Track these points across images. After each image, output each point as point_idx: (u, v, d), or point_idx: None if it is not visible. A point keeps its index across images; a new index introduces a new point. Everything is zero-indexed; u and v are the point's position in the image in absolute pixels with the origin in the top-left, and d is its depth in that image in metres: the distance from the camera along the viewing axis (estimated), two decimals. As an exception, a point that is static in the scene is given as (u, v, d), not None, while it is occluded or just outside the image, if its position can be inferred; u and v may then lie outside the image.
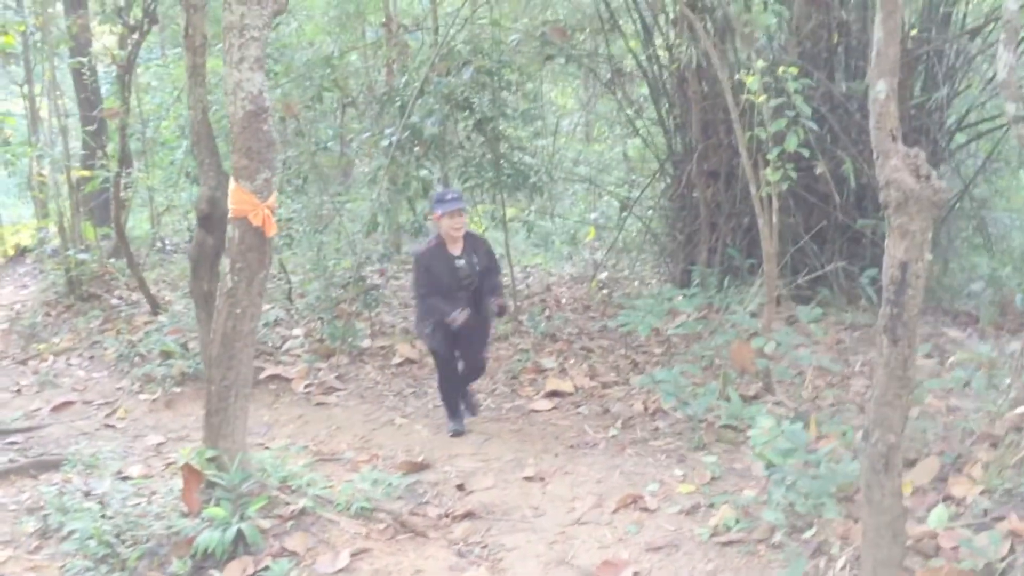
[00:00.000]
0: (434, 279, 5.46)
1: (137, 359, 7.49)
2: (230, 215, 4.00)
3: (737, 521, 4.01)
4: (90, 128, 10.87)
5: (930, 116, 8.13)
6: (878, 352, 3.08)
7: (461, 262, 5.49)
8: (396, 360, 7.18)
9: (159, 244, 13.07)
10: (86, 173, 9.77)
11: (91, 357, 8.00)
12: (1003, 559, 3.32)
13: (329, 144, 9.27)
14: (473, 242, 5.66)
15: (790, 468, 3.60)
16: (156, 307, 8.97)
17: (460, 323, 5.35)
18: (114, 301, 9.58)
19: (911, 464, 4.40)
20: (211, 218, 6.57)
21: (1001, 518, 3.58)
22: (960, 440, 4.81)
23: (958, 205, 9.58)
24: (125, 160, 9.78)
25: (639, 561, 3.86)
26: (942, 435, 5.00)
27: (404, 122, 7.43)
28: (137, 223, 13.48)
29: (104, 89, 11.92)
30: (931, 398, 5.70)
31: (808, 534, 3.77)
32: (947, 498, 3.93)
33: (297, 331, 8.06)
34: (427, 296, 5.48)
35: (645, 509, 4.36)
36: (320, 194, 8.94)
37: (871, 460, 3.08)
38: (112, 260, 10.46)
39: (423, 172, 8.44)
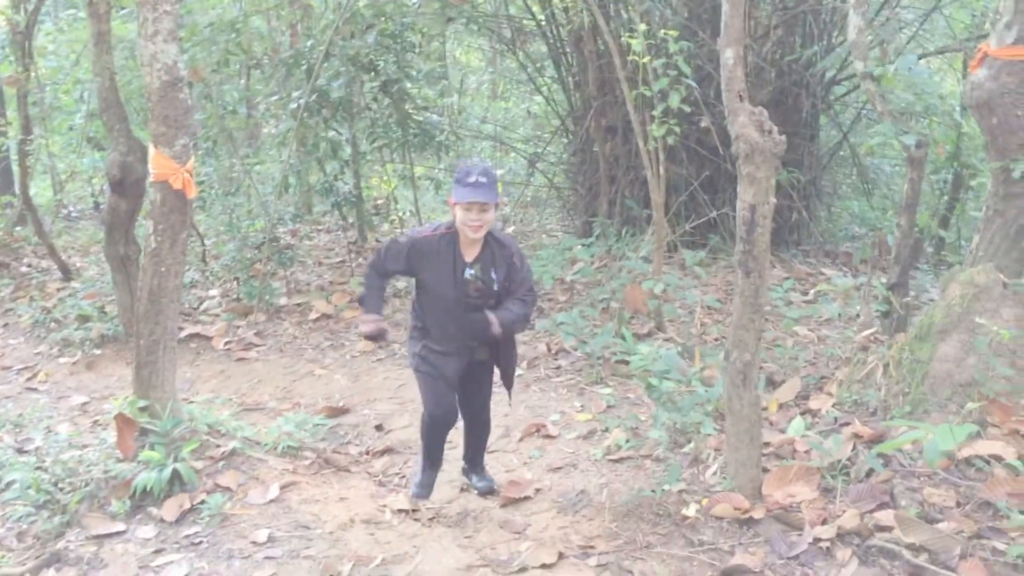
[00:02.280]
0: (423, 279, 3.88)
1: (53, 324, 7.61)
2: (151, 179, 4.25)
3: (627, 441, 4.51)
4: (-15, 95, 10.71)
5: (809, 70, 8.70)
6: (735, 283, 3.57)
7: (471, 272, 3.81)
8: (313, 316, 7.48)
9: (64, 211, 12.96)
10: (-15, 141, 9.68)
11: (4, 324, 8.07)
12: (848, 458, 3.89)
13: (236, 107, 9.41)
14: (496, 248, 3.86)
15: (668, 388, 4.09)
16: (68, 273, 9.05)
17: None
18: (23, 269, 9.59)
19: (780, 385, 4.97)
20: (123, 183, 6.77)
21: (847, 424, 4.16)
22: (825, 364, 5.42)
23: (839, 153, 10.29)
24: (26, 127, 9.74)
25: (541, 480, 4.33)
26: (811, 360, 5.60)
27: (311, 85, 7.66)
28: (40, 191, 13.33)
29: (-3, 53, 11.70)
30: (804, 329, 6.31)
31: (687, 448, 4.29)
32: (806, 412, 4.51)
33: (213, 291, 8.28)
34: (375, 277, 4.00)
35: (547, 436, 4.83)
36: (229, 157, 9.11)
37: (731, 376, 3.58)
38: (18, 228, 10.43)
39: (331, 134, 8.69)
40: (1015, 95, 4.01)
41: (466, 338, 3.92)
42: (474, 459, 4.37)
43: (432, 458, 4.26)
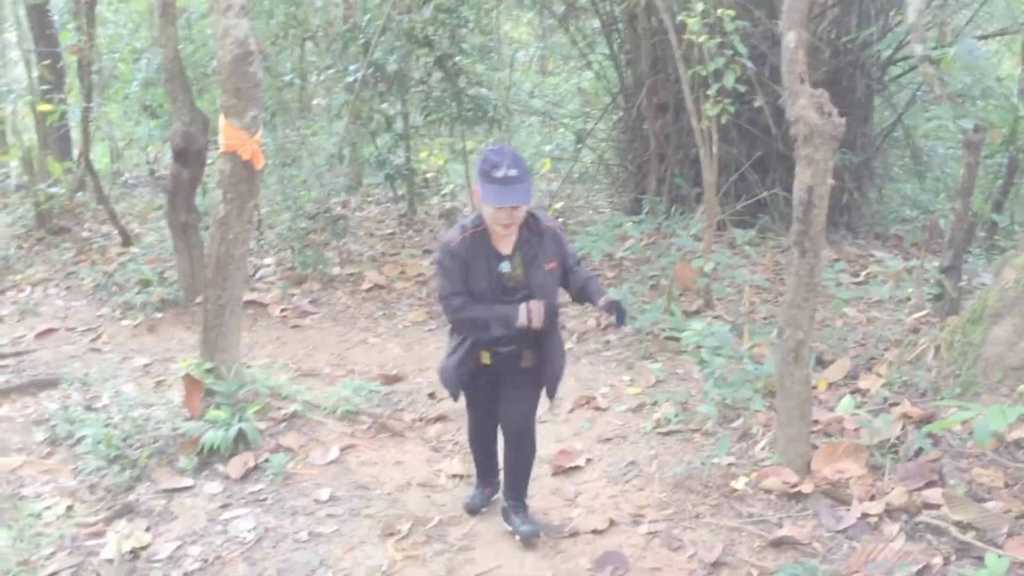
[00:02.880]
0: (469, 279, 3.38)
1: (114, 288, 7.84)
2: (220, 149, 4.40)
3: (676, 415, 4.60)
4: (46, 63, 10.97)
5: (864, 50, 8.63)
6: (790, 263, 3.63)
7: (507, 265, 3.37)
8: (366, 286, 7.64)
9: (121, 178, 13.27)
10: (48, 107, 9.93)
11: (68, 287, 8.32)
12: (897, 437, 3.95)
13: (291, 79, 9.57)
14: (533, 227, 3.40)
15: (719, 364, 4.17)
16: (127, 239, 9.30)
17: (538, 323, 3.33)
18: (85, 234, 9.87)
19: (829, 365, 5.02)
20: (186, 152, 6.95)
21: (896, 404, 4.21)
22: (874, 345, 5.45)
23: (893, 135, 10.20)
24: (87, 95, 9.98)
25: (591, 451, 4.44)
26: (860, 342, 5.64)
27: (368, 59, 7.77)
28: (97, 157, 13.64)
29: (56, 21, 11.95)
30: (854, 311, 6.34)
31: (736, 423, 4.37)
32: (855, 391, 4.56)
33: (268, 260, 8.47)
34: (460, 302, 3.36)
35: (597, 408, 4.94)
36: (284, 128, 9.28)
37: (783, 354, 3.65)
38: (79, 194, 10.71)
39: (385, 107, 8.82)
40: (1078, 80, 4.00)
41: (508, 339, 3.43)
42: (515, 490, 3.68)
43: (480, 469, 3.92)
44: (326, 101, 10.33)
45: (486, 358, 3.54)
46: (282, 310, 7.22)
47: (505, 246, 3.37)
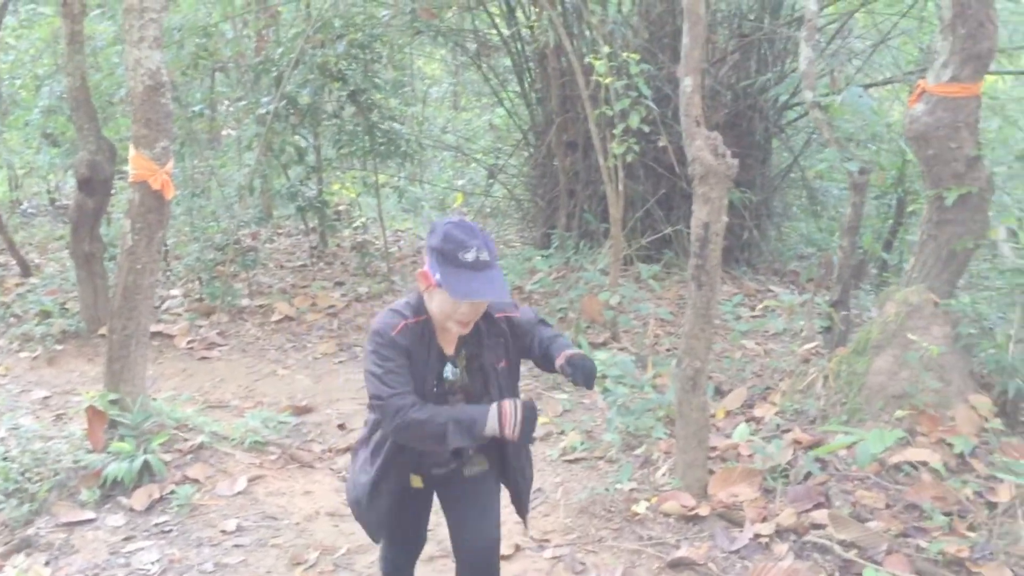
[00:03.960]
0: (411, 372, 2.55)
1: (12, 319, 7.63)
2: (130, 179, 4.39)
3: (582, 443, 4.73)
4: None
5: (762, 95, 9.05)
6: (688, 295, 3.81)
7: (451, 371, 2.61)
8: (275, 318, 7.60)
9: (20, 207, 12.89)
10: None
11: (-38, 319, 8.06)
12: (788, 461, 4.15)
13: (200, 109, 9.51)
14: (485, 326, 2.62)
15: (623, 394, 4.33)
16: (26, 269, 9.05)
17: (512, 432, 2.45)
18: (-19, 264, 9.57)
19: (727, 394, 5.24)
20: (91, 181, 6.86)
21: (788, 430, 4.43)
22: (770, 375, 5.70)
23: (790, 175, 10.67)
24: (-15, 122, 9.74)
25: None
26: (757, 372, 5.89)
27: (280, 91, 7.80)
28: (-5, 186, 13.25)
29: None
30: (752, 343, 6.61)
31: (639, 450, 4.53)
32: (750, 419, 4.77)
33: (175, 291, 8.35)
34: (410, 403, 2.45)
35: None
36: (193, 158, 9.20)
37: (682, 382, 3.82)
38: (-26, 224, 10.37)
39: (297, 139, 8.85)
40: (948, 129, 4.32)
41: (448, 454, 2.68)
42: None
43: None
44: (236, 132, 10.29)
45: (417, 482, 2.73)
46: (189, 342, 7.13)
47: (449, 345, 2.60)
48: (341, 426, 5.41)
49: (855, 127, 9.03)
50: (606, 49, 6.05)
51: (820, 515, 3.70)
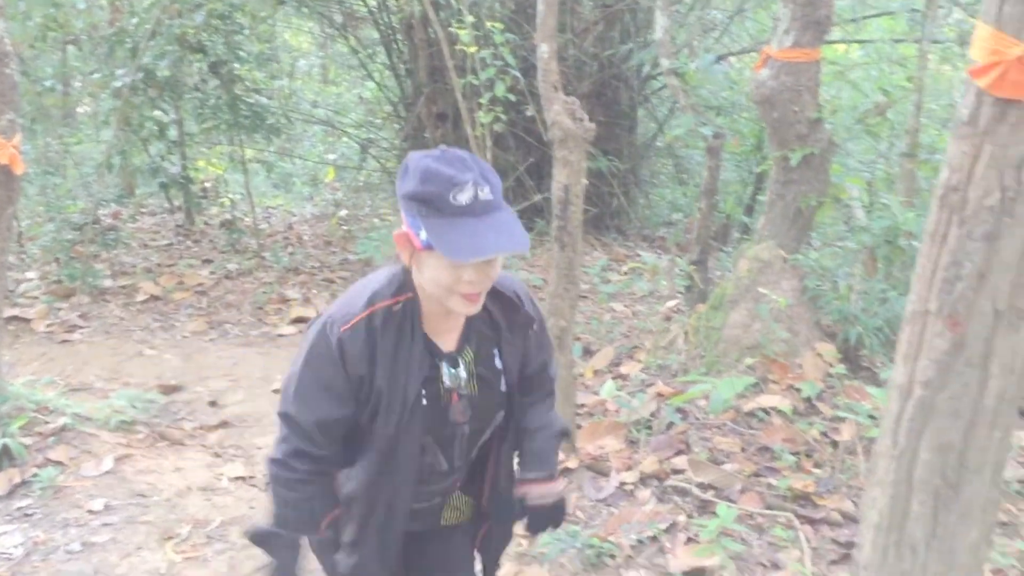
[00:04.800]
0: (372, 404, 1.85)
1: None
2: (-27, 154, 4.18)
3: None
4: None
5: (625, 64, 9.27)
6: (552, 257, 3.93)
7: (453, 373, 1.92)
8: (141, 298, 7.38)
9: None
10: None
11: None
12: (652, 414, 4.34)
13: (52, 84, 9.08)
14: (493, 308, 1.95)
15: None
16: None
17: None
18: None
19: (595, 354, 5.41)
20: (-67, 160, 6.47)
21: (652, 384, 4.63)
22: (637, 335, 5.92)
23: (656, 144, 10.98)
24: None
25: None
26: (625, 333, 6.09)
27: (137, 64, 7.53)
28: None
29: None
30: (621, 306, 6.83)
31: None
32: (617, 376, 4.95)
33: (31, 274, 7.99)
34: (299, 467, 1.87)
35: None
36: (46, 135, 8.78)
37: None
38: None
39: (157, 114, 8.55)
40: (792, 92, 4.57)
41: (433, 518, 2.12)
42: None
43: None
44: (92, 108, 9.86)
45: None
46: (48, 325, 6.85)
47: (446, 337, 1.92)
48: (212, 403, 5.33)
49: (717, 96, 9.39)
50: (470, 19, 6.09)
51: (681, 461, 3.91)
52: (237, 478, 4.23)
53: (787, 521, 3.51)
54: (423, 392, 1.87)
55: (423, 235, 1.70)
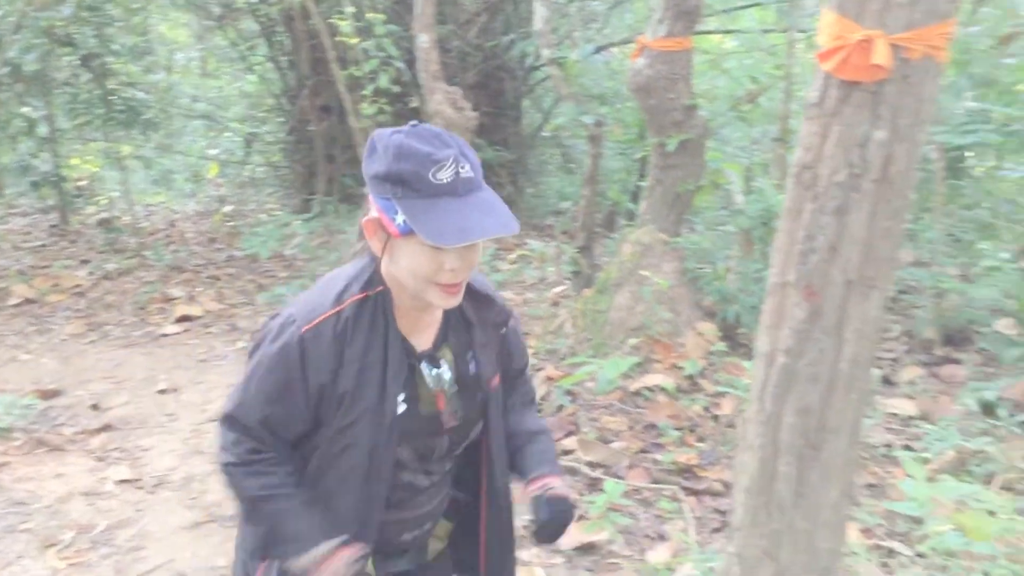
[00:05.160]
0: (340, 412, 1.67)
1: None
2: None
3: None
4: None
5: (507, 54, 9.34)
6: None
7: (436, 373, 1.76)
8: (13, 301, 7.07)
9: None
10: None
11: None
12: (543, 397, 4.43)
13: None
14: (469, 307, 1.79)
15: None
16: None
17: None
18: None
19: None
20: None
21: (542, 369, 4.71)
22: (527, 322, 6.00)
23: (542, 134, 11.11)
24: None
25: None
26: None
27: (2, 58, 7.20)
28: None
29: None
30: (512, 294, 6.90)
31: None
32: (508, 362, 5.02)
33: None
34: (261, 469, 1.69)
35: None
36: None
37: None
38: None
39: (26, 109, 8.20)
40: (667, 80, 4.72)
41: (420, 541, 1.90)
42: None
43: None
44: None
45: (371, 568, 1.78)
46: (-90, 334, 6.51)
47: (422, 336, 1.76)
48: (94, 407, 5.17)
49: (600, 85, 9.57)
50: (351, 10, 6.05)
51: (571, 442, 4.00)
52: (122, 481, 4.12)
53: (672, 494, 3.64)
54: (403, 402, 1.69)
55: (399, 219, 1.55)
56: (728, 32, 8.71)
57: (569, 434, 4.09)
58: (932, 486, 2.95)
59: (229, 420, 1.72)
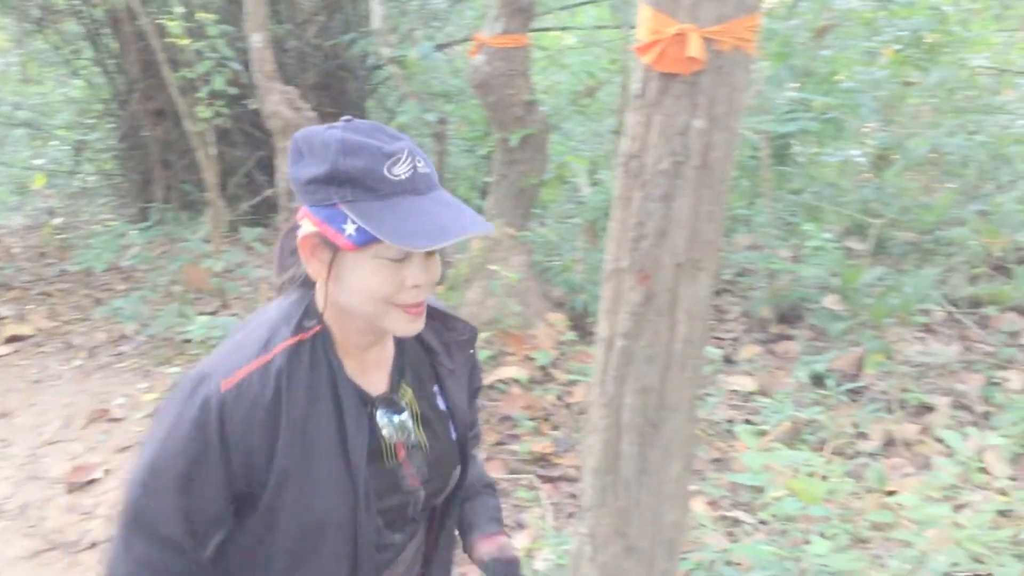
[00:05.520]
0: (290, 486, 1.36)
1: None
2: None
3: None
4: None
5: (347, 53, 9.23)
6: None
7: (399, 421, 1.46)
8: None
9: None
10: None
11: None
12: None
13: None
14: (429, 328, 1.58)
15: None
16: None
17: None
18: None
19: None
20: None
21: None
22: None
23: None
24: None
25: (109, 462, 4.33)
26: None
27: None
28: None
29: None
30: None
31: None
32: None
33: None
34: (152, 559, 1.36)
35: (113, 420, 4.80)
36: None
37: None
38: None
39: None
40: (505, 77, 4.78)
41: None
42: None
43: None
44: None
45: None
46: None
47: (372, 376, 1.50)
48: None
49: (445, 83, 9.59)
50: (180, 10, 5.84)
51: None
52: (-49, 516, 3.86)
53: (529, 483, 3.71)
54: (356, 461, 1.38)
55: (350, 228, 1.29)
56: (565, 29, 8.91)
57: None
58: (768, 455, 3.12)
59: (130, 516, 1.36)
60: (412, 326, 1.39)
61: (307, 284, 1.48)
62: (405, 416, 1.47)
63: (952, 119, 6.62)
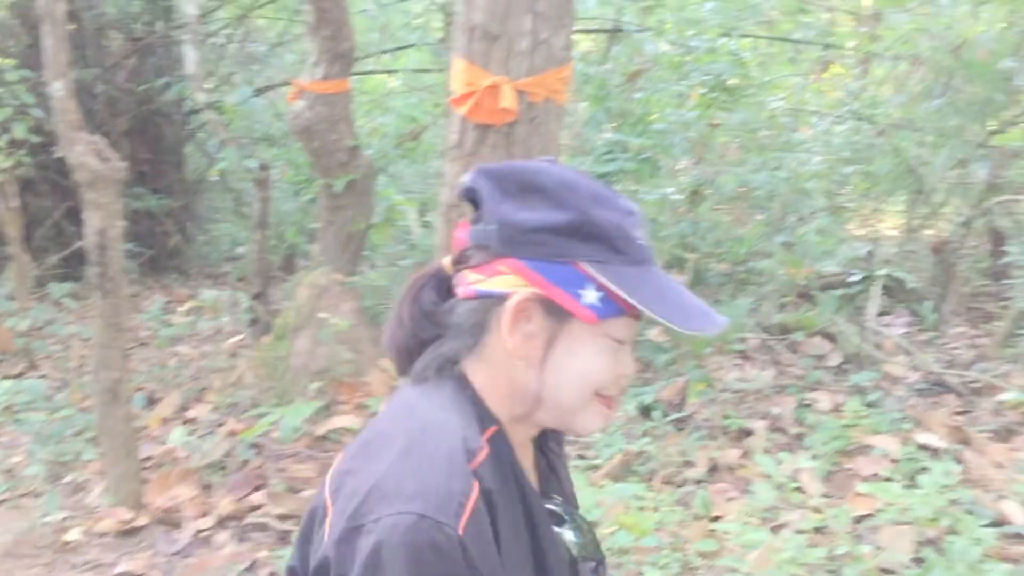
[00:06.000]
0: None
1: None
2: None
3: (3, 484, 4.30)
4: None
5: (162, 97, 8.91)
6: (96, 305, 3.68)
7: (575, 534, 1.20)
8: None
9: None
10: None
11: None
12: (227, 453, 4.24)
13: None
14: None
15: (40, 421, 4.03)
16: None
17: None
18: None
19: (160, 402, 5.16)
20: None
21: (223, 424, 4.53)
22: (206, 376, 5.74)
23: (210, 179, 10.68)
24: None
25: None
26: (194, 376, 5.88)
27: None
28: None
29: None
30: (188, 348, 6.57)
31: (68, 477, 4.26)
32: (187, 421, 4.76)
33: None
34: None
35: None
36: None
37: (100, 395, 3.70)
38: None
39: None
40: (328, 123, 4.75)
41: None
42: None
43: None
44: None
45: None
46: None
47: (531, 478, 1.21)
48: None
49: (269, 127, 9.39)
50: (-27, 53, 5.48)
51: (259, 496, 3.87)
52: None
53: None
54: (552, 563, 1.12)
55: (590, 295, 1.05)
56: (388, 72, 8.93)
57: (257, 488, 3.95)
58: (599, 491, 3.19)
59: None
60: (605, 420, 1.15)
61: (449, 365, 1.15)
62: (576, 528, 1.22)
63: (756, 156, 7.06)
